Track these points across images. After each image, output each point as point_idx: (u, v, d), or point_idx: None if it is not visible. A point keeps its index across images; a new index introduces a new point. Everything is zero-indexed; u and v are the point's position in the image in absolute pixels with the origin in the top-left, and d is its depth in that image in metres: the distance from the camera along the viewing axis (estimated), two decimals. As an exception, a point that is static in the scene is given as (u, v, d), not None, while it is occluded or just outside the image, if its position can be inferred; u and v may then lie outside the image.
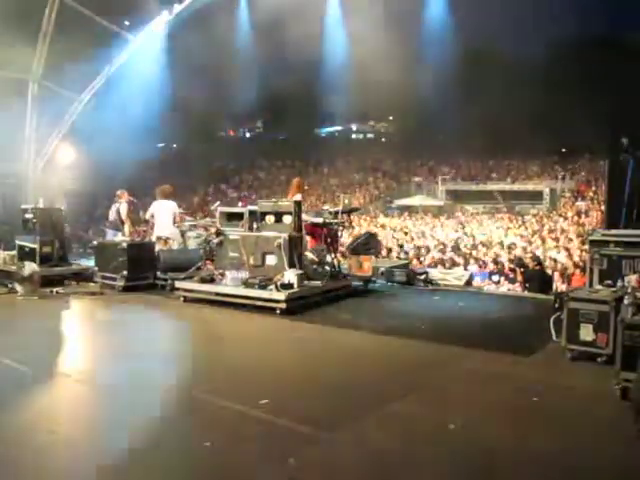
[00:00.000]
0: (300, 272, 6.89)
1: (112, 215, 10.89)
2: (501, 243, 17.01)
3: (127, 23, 14.34)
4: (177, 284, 7.61)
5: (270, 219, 7.42)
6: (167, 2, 14.36)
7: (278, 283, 6.71)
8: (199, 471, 2.93)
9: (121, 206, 10.61)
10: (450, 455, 3.10)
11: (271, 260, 7.17)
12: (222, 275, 7.26)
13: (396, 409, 3.76)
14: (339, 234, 8.50)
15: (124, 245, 8.38)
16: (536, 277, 10.66)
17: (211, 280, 7.36)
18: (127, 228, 10.42)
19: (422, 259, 14.29)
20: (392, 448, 3.18)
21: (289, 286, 6.70)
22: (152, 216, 9.53)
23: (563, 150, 31.87)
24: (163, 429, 3.45)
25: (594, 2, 23.49)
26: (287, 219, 7.26)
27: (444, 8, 20.76)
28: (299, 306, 6.66)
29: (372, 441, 3.28)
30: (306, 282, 7.07)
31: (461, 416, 3.57)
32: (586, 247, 6.87)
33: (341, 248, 9.08)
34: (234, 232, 7.58)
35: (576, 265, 11.88)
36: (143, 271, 8.36)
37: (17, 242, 8.88)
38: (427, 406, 3.84)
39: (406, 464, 3.02)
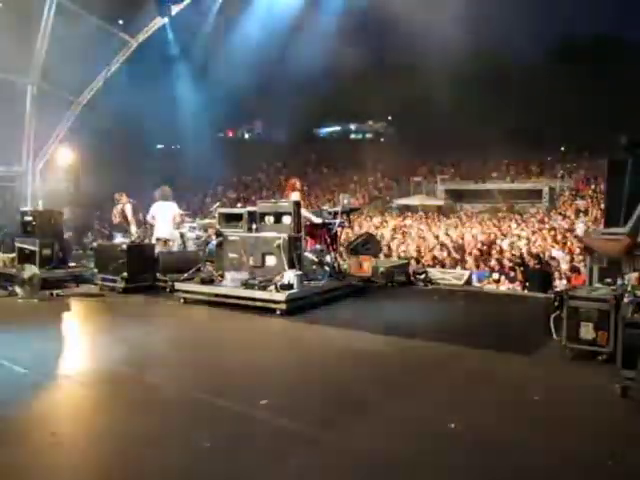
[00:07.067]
0: (300, 273, 6.90)
1: (115, 218, 10.87)
2: (501, 242, 17.00)
3: (121, 22, 14.32)
4: (177, 285, 7.61)
5: (269, 220, 7.42)
6: (164, 8, 14.33)
7: (278, 284, 6.71)
8: (199, 471, 2.93)
9: (126, 207, 10.61)
10: (450, 454, 3.10)
11: (271, 261, 7.17)
12: (222, 276, 7.27)
13: (396, 409, 3.76)
14: (338, 234, 8.50)
15: (124, 247, 8.37)
16: (536, 276, 10.67)
17: (211, 281, 7.36)
18: (133, 228, 10.43)
19: (421, 259, 14.28)
20: (392, 448, 3.18)
21: (289, 287, 6.70)
22: (153, 217, 9.54)
23: (562, 149, 31.89)
24: (163, 430, 3.44)
25: (595, 2, 23.54)
26: (286, 219, 7.26)
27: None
28: (299, 307, 6.66)
29: (372, 441, 3.28)
30: (306, 282, 7.07)
31: (461, 415, 3.57)
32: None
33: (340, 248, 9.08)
34: (233, 233, 7.58)
35: (573, 268, 11.81)
36: (143, 273, 8.35)
37: (17, 244, 8.87)
38: (427, 406, 3.84)
39: (406, 464, 3.01)
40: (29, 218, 8.95)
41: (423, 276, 8.91)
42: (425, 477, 2.93)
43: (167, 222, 9.35)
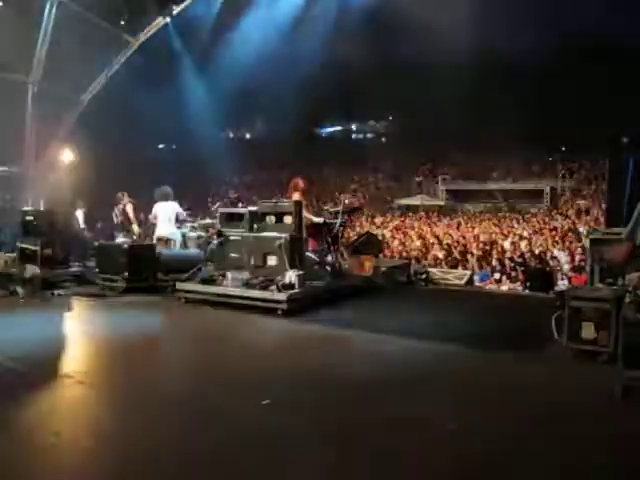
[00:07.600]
0: (301, 272, 6.89)
1: (117, 217, 10.88)
2: (502, 242, 16.98)
3: (122, 22, 14.36)
4: (178, 285, 7.60)
5: (271, 219, 7.42)
6: (165, 8, 14.36)
7: (279, 284, 6.70)
8: (199, 472, 2.93)
9: (127, 206, 10.62)
10: (450, 455, 3.10)
11: (272, 261, 7.17)
12: (223, 276, 7.26)
13: (397, 409, 3.75)
14: (339, 234, 8.49)
15: (125, 246, 8.38)
16: (537, 275, 10.67)
17: (212, 281, 7.36)
18: (135, 228, 10.44)
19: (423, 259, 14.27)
20: (393, 448, 3.17)
21: (290, 286, 6.70)
22: (154, 217, 9.54)
23: (563, 149, 31.85)
24: (164, 430, 3.44)
25: (596, 2, 23.49)
26: (288, 219, 7.26)
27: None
28: (300, 306, 6.65)
29: (373, 441, 3.28)
30: (307, 282, 7.07)
31: (461, 415, 3.57)
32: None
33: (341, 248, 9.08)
34: (235, 233, 7.58)
35: (574, 269, 11.78)
36: (144, 272, 8.35)
37: (18, 244, 8.88)
38: (428, 405, 3.83)
39: (406, 464, 3.01)
40: (30, 218, 8.95)
41: (424, 276, 8.91)
42: (425, 477, 2.93)
43: (168, 222, 9.36)
